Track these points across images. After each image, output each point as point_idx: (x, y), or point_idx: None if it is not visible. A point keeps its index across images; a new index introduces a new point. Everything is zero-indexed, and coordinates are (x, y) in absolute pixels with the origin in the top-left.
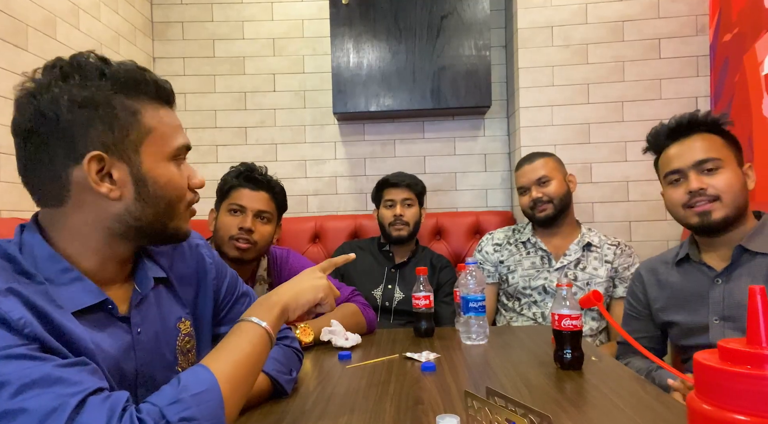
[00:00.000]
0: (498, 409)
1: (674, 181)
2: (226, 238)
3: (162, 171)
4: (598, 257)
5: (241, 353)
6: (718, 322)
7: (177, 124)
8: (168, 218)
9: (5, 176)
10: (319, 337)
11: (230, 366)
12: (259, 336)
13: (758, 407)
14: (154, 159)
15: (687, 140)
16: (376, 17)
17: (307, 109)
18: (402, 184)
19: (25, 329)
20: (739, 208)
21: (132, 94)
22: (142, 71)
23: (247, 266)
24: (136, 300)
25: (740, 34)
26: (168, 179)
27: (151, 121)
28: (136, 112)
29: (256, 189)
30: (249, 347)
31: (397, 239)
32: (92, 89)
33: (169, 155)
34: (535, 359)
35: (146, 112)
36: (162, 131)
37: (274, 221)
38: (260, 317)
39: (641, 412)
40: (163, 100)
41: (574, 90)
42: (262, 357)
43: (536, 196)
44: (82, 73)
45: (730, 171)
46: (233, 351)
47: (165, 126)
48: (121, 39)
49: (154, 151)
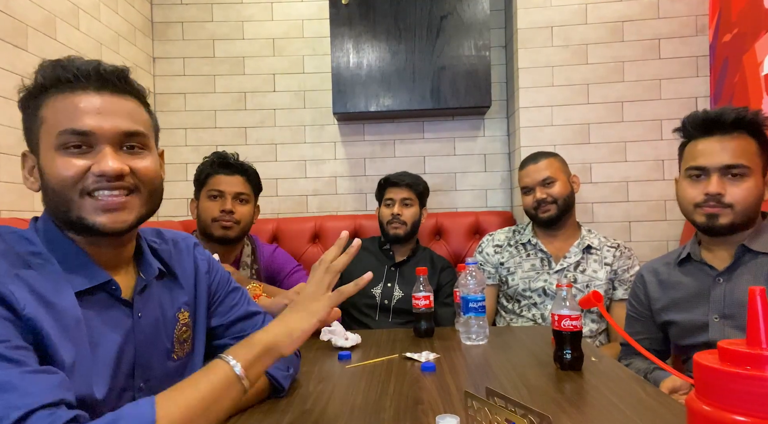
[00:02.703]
0: (498, 409)
1: (695, 176)
2: (209, 220)
3: (48, 161)
4: (597, 260)
5: (197, 394)
6: (718, 320)
7: (71, 108)
8: (64, 205)
9: (5, 176)
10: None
11: (179, 407)
12: (225, 377)
13: (758, 408)
14: (45, 150)
15: (723, 138)
16: (376, 17)
17: (307, 109)
18: (402, 183)
19: (25, 310)
20: (749, 217)
21: (38, 92)
22: (53, 64)
23: (232, 246)
24: (140, 286)
25: (740, 35)
26: (50, 168)
27: (44, 113)
28: (38, 106)
29: (232, 174)
30: (208, 388)
31: (394, 238)
32: (21, 95)
33: (54, 145)
34: (535, 359)
35: (45, 105)
36: (51, 120)
37: (252, 202)
38: (235, 355)
39: (641, 412)
40: (64, 83)
41: (574, 90)
42: (222, 401)
43: (540, 197)
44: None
45: (752, 181)
46: (190, 390)
47: (57, 114)
48: (121, 39)
49: (45, 143)
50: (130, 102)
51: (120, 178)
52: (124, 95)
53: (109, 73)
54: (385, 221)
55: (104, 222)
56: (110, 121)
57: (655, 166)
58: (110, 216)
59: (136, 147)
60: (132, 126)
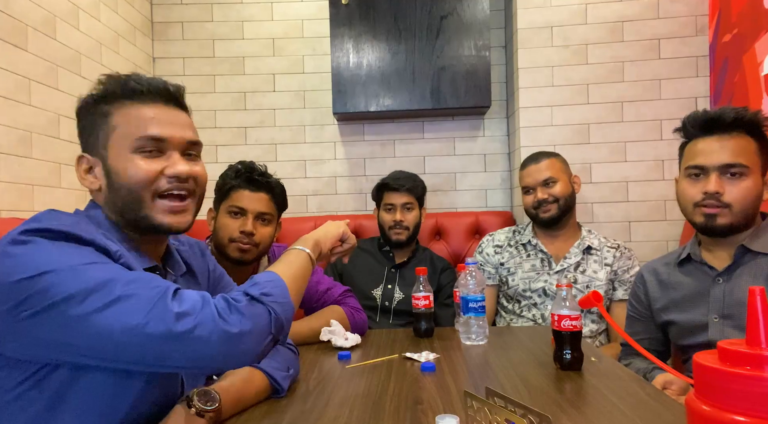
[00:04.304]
0: (497, 409)
1: (694, 176)
2: (227, 240)
3: (124, 163)
4: (597, 260)
5: (293, 265)
6: (718, 320)
7: (148, 118)
8: (136, 205)
9: (5, 176)
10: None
11: (287, 270)
12: (303, 257)
13: (757, 408)
14: (117, 153)
15: (722, 137)
16: (376, 17)
17: (307, 109)
18: (402, 189)
19: (120, 260)
20: (747, 217)
21: (106, 100)
22: (120, 78)
23: (247, 267)
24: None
25: (740, 35)
26: (126, 169)
27: (118, 118)
28: (107, 113)
29: (257, 190)
30: (297, 261)
31: (397, 243)
32: (84, 102)
33: (130, 148)
34: (534, 359)
35: (116, 110)
36: (126, 127)
37: (274, 222)
38: (302, 245)
39: (640, 412)
40: (136, 96)
41: (574, 90)
42: (306, 271)
43: (542, 198)
44: (88, 92)
45: (751, 181)
46: (286, 264)
47: (131, 121)
48: (121, 39)
49: (118, 145)
50: (187, 115)
51: (186, 180)
52: (183, 110)
53: (174, 90)
54: (386, 227)
55: (170, 223)
56: (179, 131)
57: (655, 166)
58: (175, 217)
59: (193, 154)
60: (194, 136)
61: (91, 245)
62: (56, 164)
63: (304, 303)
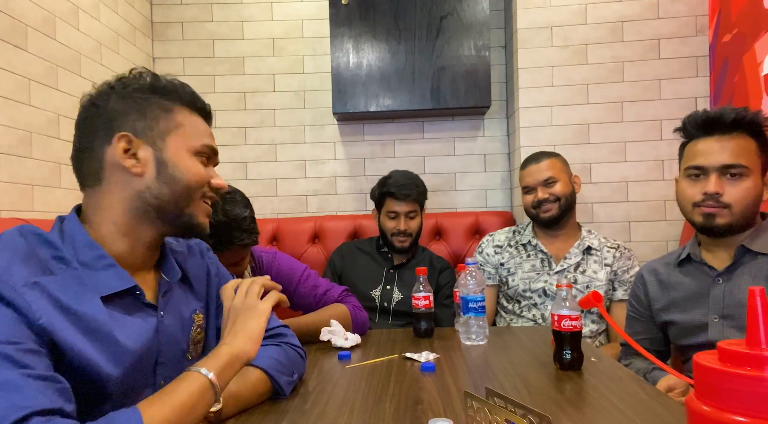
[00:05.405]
0: (497, 409)
1: (694, 176)
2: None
3: (184, 161)
4: (597, 261)
5: (177, 401)
6: (718, 320)
7: (208, 131)
8: (184, 201)
9: (5, 176)
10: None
11: (163, 412)
12: (200, 386)
13: (758, 409)
14: (177, 148)
15: (722, 138)
16: (376, 17)
17: (307, 109)
18: (408, 198)
19: (40, 320)
20: (747, 217)
21: (168, 96)
22: (182, 84)
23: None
24: (164, 288)
25: (740, 35)
26: (187, 167)
27: (182, 119)
28: (169, 109)
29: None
30: (186, 396)
31: (400, 250)
32: (134, 87)
33: (193, 150)
34: (534, 359)
35: (180, 111)
36: (191, 130)
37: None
38: (207, 366)
39: (640, 412)
40: (197, 110)
41: (574, 90)
42: (198, 407)
43: (542, 197)
44: (131, 77)
45: (751, 181)
46: (170, 398)
47: (195, 127)
48: (121, 39)
49: (179, 143)
50: None
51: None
52: None
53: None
54: (389, 233)
55: (206, 225)
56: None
57: (655, 167)
58: (207, 221)
59: None
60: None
61: (9, 307)
62: (56, 164)
63: (304, 308)
